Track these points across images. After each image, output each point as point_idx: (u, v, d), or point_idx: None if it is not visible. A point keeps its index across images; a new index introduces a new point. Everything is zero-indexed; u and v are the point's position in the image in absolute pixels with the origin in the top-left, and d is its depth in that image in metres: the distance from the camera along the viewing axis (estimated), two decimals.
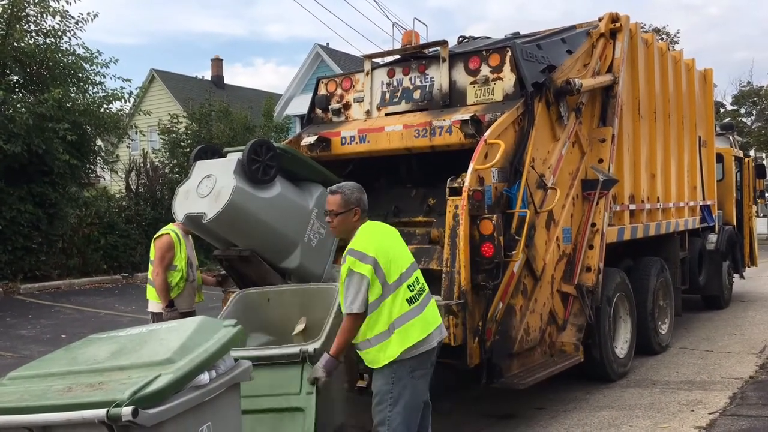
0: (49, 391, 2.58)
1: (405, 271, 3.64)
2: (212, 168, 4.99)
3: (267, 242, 5.05)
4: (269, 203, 4.95)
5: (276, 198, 5.00)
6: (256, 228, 4.94)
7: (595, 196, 6.17)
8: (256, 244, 5.00)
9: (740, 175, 12.13)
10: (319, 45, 28.20)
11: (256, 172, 4.86)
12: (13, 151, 12.92)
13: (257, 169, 4.87)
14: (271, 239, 5.06)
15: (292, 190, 5.23)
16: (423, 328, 3.61)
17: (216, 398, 2.85)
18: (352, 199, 3.71)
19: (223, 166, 4.94)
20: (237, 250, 5.04)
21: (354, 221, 3.71)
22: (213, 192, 4.78)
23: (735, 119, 30.46)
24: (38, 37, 14.70)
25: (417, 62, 6.09)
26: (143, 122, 21.12)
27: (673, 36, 29.64)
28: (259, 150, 4.91)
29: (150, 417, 2.40)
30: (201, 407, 2.75)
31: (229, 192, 4.69)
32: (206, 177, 4.90)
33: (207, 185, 4.86)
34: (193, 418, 2.71)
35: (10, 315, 11.25)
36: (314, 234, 5.26)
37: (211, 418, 2.83)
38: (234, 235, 4.97)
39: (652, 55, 7.71)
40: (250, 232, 4.95)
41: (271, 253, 5.09)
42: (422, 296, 3.69)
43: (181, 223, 5.07)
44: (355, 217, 3.71)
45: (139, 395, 2.41)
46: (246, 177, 4.82)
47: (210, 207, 4.73)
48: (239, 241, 5.00)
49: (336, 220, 3.70)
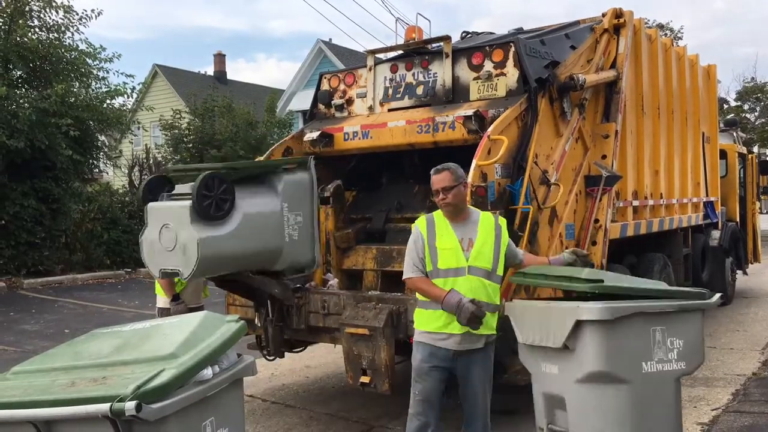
0: (52, 386, 2.59)
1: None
2: (167, 216, 4.69)
3: (251, 262, 4.94)
4: (238, 234, 4.70)
5: (242, 225, 4.71)
6: (235, 261, 4.80)
7: (598, 193, 6.16)
8: (240, 267, 4.89)
9: (743, 172, 12.11)
10: (322, 40, 28.16)
11: (208, 209, 4.52)
12: (16, 146, 12.94)
13: (209, 205, 4.53)
14: (255, 258, 4.92)
15: (254, 203, 4.91)
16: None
17: (219, 393, 2.86)
18: (459, 173, 4.00)
19: (177, 213, 4.60)
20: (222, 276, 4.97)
21: (465, 193, 4.10)
22: (178, 247, 4.56)
23: (738, 115, 30.40)
24: (41, 32, 14.72)
25: (420, 58, 6.07)
26: (146, 118, 21.13)
27: (677, 32, 29.59)
28: (210, 185, 4.54)
29: (153, 412, 2.41)
30: (204, 402, 2.76)
31: (195, 249, 4.46)
32: (164, 227, 4.65)
33: (169, 238, 4.62)
34: (197, 413, 2.72)
35: (13, 310, 11.29)
36: (293, 228, 5.09)
37: (214, 413, 2.84)
38: (217, 272, 4.86)
39: (656, 50, 7.69)
40: (231, 265, 4.82)
41: (259, 264, 5.01)
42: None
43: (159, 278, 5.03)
44: (465, 189, 4.09)
45: (143, 390, 2.41)
46: (203, 219, 4.53)
47: (182, 263, 4.55)
48: (224, 271, 4.87)
49: (450, 194, 3.93)
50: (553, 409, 3.79)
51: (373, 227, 6.02)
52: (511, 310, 4.01)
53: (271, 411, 6.04)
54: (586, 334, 3.50)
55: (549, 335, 3.66)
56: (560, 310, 3.66)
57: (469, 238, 3.95)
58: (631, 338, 3.53)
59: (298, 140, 6.27)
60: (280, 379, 7.07)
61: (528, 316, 3.89)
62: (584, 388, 3.56)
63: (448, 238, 3.94)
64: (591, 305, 3.51)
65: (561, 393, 3.68)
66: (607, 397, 3.53)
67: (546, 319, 3.72)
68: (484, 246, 3.94)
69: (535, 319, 3.82)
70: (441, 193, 3.96)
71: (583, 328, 3.50)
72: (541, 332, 3.73)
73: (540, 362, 3.81)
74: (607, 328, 3.48)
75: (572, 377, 3.58)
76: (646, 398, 3.57)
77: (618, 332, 3.49)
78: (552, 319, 3.67)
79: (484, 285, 3.90)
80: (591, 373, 3.52)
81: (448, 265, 3.89)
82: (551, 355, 3.69)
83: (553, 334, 3.62)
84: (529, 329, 3.83)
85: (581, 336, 3.52)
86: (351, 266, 5.92)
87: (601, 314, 3.46)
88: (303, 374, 7.27)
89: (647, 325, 3.56)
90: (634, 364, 3.54)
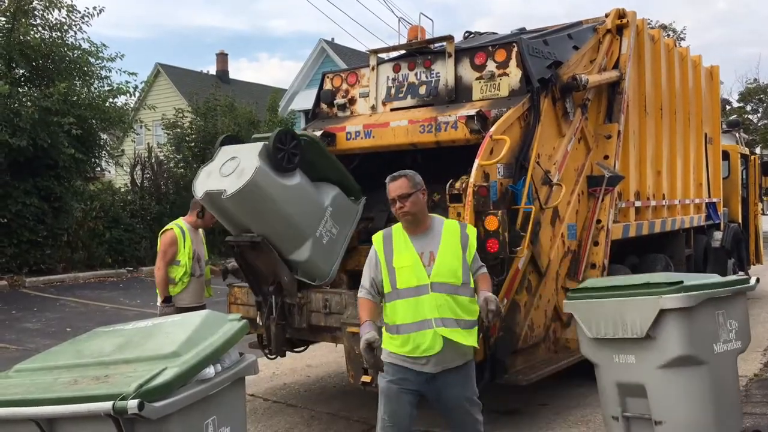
0: (55, 384, 2.59)
1: None
2: (238, 151, 5.11)
3: (280, 230, 5.10)
4: (288, 190, 5.05)
5: (295, 187, 5.10)
6: (272, 213, 5.01)
7: (600, 193, 6.15)
8: (268, 231, 5.05)
9: (746, 173, 12.10)
10: (324, 40, 28.14)
11: (281, 160, 4.97)
12: (19, 144, 12.95)
13: (282, 156, 4.98)
14: (285, 227, 5.11)
15: (311, 184, 5.32)
16: None
17: (221, 392, 2.86)
18: (417, 179, 3.74)
19: (248, 150, 5.06)
20: (249, 236, 5.07)
21: (424, 201, 3.74)
22: (236, 171, 4.89)
23: (741, 116, 30.38)
24: (44, 30, 14.73)
25: (422, 57, 6.07)
26: (148, 116, 21.13)
27: (679, 32, 29.57)
28: (284, 138, 5.03)
29: (156, 410, 2.41)
30: (206, 401, 2.76)
31: (251, 171, 4.80)
32: (231, 159, 5.02)
33: (230, 166, 4.97)
34: (199, 412, 2.72)
35: (15, 308, 11.30)
36: (326, 232, 5.32)
37: (216, 411, 2.84)
38: (249, 217, 5.02)
39: (658, 51, 7.69)
40: (265, 217, 5.02)
41: (283, 242, 5.13)
42: None
43: (200, 200, 5.12)
44: (423, 196, 3.74)
45: (145, 388, 2.41)
46: (270, 162, 4.94)
47: (231, 184, 4.83)
48: (253, 225, 5.05)
49: (408, 202, 3.65)
50: (626, 397, 4.07)
51: (375, 227, 6.02)
52: (575, 309, 4.25)
53: (273, 410, 6.04)
54: (668, 322, 3.84)
55: (626, 327, 3.94)
56: (638, 303, 3.94)
57: (430, 252, 3.62)
58: (704, 322, 3.93)
59: None
60: (281, 378, 7.07)
61: (598, 312, 4.11)
62: (667, 373, 3.89)
63: (407, 254, 3.62)
64: (673, 295, 3.84)
65: (639, 380, 3.97)
66: (689, 379, 3.89)
67: (621, 312, 3.98)
68: (447, 258, 3.61)
69: (607, 313, 4.05)
70: (398, 202, 3.66)
71: (665, 317, 3.84)
72: (615, 325, 3.99)
73: (612, 353, 4.07)
74: (686, 315, 3.84)
75: (653, 364, 3.91)
76: (719, 377, 3.97)
77: (694, 318, 3.87)
78: (628, 312, 3.94)
79: (451, 302, 3.56)
80: (674, 358, 3.85)
81: (408, 284, 3.57)
82: (627, 345, 3.99)
83: (631, 325, 3.92)
84: (600, 324, 4.07)
85: (663, 324, 3.85)
86: (354, 267, 5.92)
87: (684, 302, 3.82)
88: (304, 373, 7.27)
89: (713, 309, 3.97)
90: (707, 346, 3.93)
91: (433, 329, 3.51)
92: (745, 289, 4.22)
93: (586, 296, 4.27)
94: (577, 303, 4.30)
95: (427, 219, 3.76)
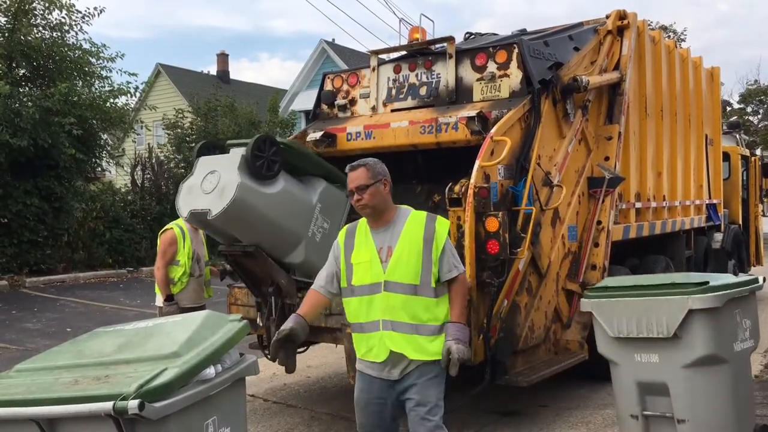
0: (55, 384, 2.58)
1: None
2: (216, 164, 4.98)
3: (272, 238, 5.06)
4: (273, 199, 4.95)
5: (280, 193, 5.00)
6: (261, 224, 4.94)
7: (601, 194, 6.15)
8: (260, 240, 5.01)
9: (746, 174, 12.09)
10: (325, 41, 28.16)
11: (260, 168, 4.84)
12: (20, 144, 12.96)
13: (261, 165, 4.85)
14: (276, 235, 5.07)
15: (296, 185, 5.24)
16: None
17: (221, 392, 2.85)
18: (378, 169, 3.44)
19: (227, 162, 4.92)
20: (241, 246, 5.05)
21: (386, 193, 3.42)
22: (217, 188, 4.77)
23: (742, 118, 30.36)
24: (45, 31, 14.74)
25: (423, 58, 6.07)
26: (149, 117, 21.14)
27: (680, 34, 29.57)
28: (262, 146, 4.88)
29: (156, 410, 2.40)
30: (207, 401, 2.75)
31: (233, 188, 4.69)
32: (210, 173, 4.89)
33: (211, 181, 4.84)
34: (199, 412, 2.71)
35: (15, 308, 11.31)
36: (318, 228, 5.28)
37: (216, 412, 2.82)
38: (239, 231, 4.97)
39: (659, 52, 7.69)
40: (255, 228, 4.95)
41: (276, 249, 5.11)
42: None
43: (186, 219, 5.07)
44: (385, 188, 3.42)
45: (146, 389, 2.40)
46: (250, 173, 4.81)
47: (214, 204, 4.73)
48: (244, 237, 5.01)
49: (366, 194, 3.35)
50: (646, 396, 4.11)
51: None
52: (596, 307, 4.25)
53: (273, 411, 6.04)
54: (695, 322, 3.88)
55: (652, 326, 3.97)
56: (664, 302, 3.96)
57: (389, 246, 3.33)
58: (727, 322, 3.99)
59: (301, 140, 6.28)
60: (281, 379, 7.07)
61: (622, 310, 4.12)
62: (691, 372, 3.94)
63: (365, 249, 3.37)
64: (702, 296, 3.88)
65: (662, 379, 4.01)
66: (712, 378, 3.95)
67: (646, 312, 4.01)
68: (404, 255, 3.29)
69: (631, 313, 4.06)
70: (356, 194, 3.37)
71: (692, 317, 3.87)
72: (640, 324, 4.01)
73: (633, 352, 4.09)
74: (713, 315, 3.89)
75: (679, 363, 3.95)
76: (738, 374, 4.08)
77: (719, 318, 3.92)
78: (654, 311, 3.97)
79: (408, 303, 3.26)
80: (700, 357, 3.90)
81: (362, 281, 3.33)
82: (650, 344, 4.02)
83: (658, 324, 3.95)
84: (623, 322, 4.09)
85: (690, 324, 3.89)
86: None
87: (712, 302, 3.88)
88: (304, 374, 7.27)
89: (733, 308, 4.02)
90: (729, 345, 3.99)
91: (380, 332, 3.28)
92: (757, 288, 4.29)
93: (609, 295, 4.25)
94: (599, 302, 4.27)
95: (391, 211, 3.45)
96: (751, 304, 4.25)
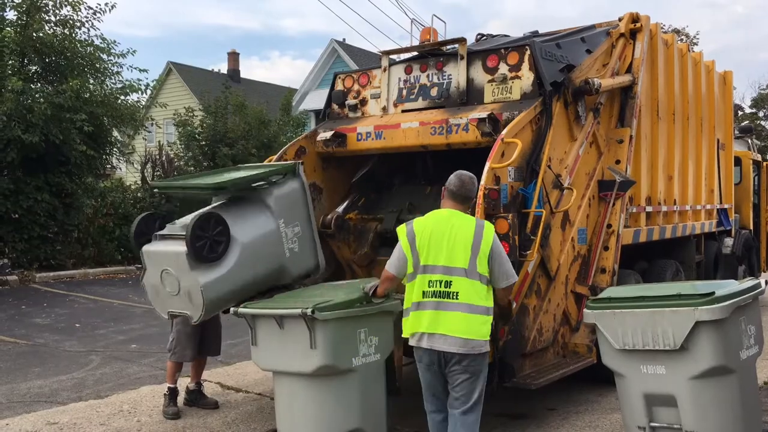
0: (307, 302, 4.25)
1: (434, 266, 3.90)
2: (165, 261, 4.68)
3: (257, 287, 4.95)
4: (239, 268, 4.69)
5: (241, 258, 4.71)
6: (242, 290, 4.81)
7: (611, 197, 6.13)
8: (248, 295, 4.87)
9: (758, 179, 12.03)
10: (336, 40, 28.19)
11: (202, 249, 4.48)
12: (31, 140, 13.04)
13: (202, 246, 4.49)
14: (260, 283, 4.95)
15: (250, 228, 4.86)
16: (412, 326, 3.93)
17: (370, 316, 4.35)
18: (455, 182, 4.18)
19: (175, 262, 4.58)
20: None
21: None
22: (182, 292, 4.60)
23: (754, 122, 30.20)
24: (57, 27, 14.81)
25: (435, 59, 6.06)
26: (159, 114, 21.23)
27: (692, 37, 29.44)
28: (205, 226, 4.53)
29: (324, 316, 4.13)
30: (357, 318, 4.28)
31: (199, 295, 4.52)
32: (164, 272, 4.66)
33: (171, 283, 4.65)
34: (353, 324, 4.25)
35: (25, 303, 11.37)
36: (291, 240, 5.11)
37: (367, 325, 4.34)
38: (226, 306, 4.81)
39: (672, 56, 7.64)
40: (239, 295, 4.80)
41: (267, 284, 5.04)
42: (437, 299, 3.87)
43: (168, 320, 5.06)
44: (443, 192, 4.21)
45: (316, 306, 4.12)
46: (202, 263, 4.52)
47: (189, 308, 4.64)
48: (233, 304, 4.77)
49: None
50: (653, 407, 4.09)
51: (385, 228, 6.02)
52: (599, 319, 4.20)
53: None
54: (702, 333, 3.88)
55: (658, 338, 3.94)
56: (671, 314, 3.92)
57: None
58: (733, 331, 3.98)
59: (311, 140, 6.28)
60: None
61: (626, 322, 4.08)
62: (699, 384, 3.93)
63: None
64: (708, 307, 3.86)
65: (670, 391, 4.01)
66: (720, 388, 3.95)
67: (652, 324, 3.97)
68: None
69: (637, 324, 4.03)
70: None
71: (699, 329, 3.87)
72: (645, 336, 3.98)
73: (639, 364, 4.07)
74: (719, 327, 3.88)
75: (686, 375, 3.94)
76: (745, 382, 4.08)
77: (726, 329, 3.92)
78: (660, 324, 3.94)
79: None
80: (708, 369, 3.90)
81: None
82: (657, 356, 4.01)
83: (664, 337, 3.94)
84: (629, 334, 4.05)
85: (697, 336, 3.88)
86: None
87: (718, 314, 3.86)
88: None
89: (738, 317, 4.02)
90: (735, 354, 3.98)
91: None
92: (760, 293, 4.29)
93: (611, 306, 4.20)
94: (602, 313, 4.22)
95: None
96: (754, 310, 4.24)
